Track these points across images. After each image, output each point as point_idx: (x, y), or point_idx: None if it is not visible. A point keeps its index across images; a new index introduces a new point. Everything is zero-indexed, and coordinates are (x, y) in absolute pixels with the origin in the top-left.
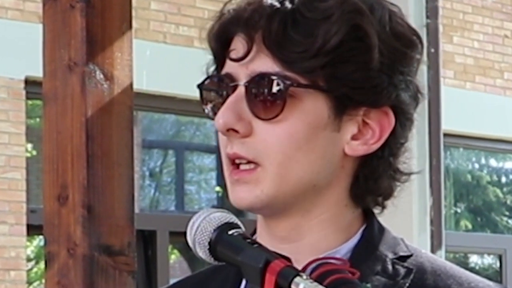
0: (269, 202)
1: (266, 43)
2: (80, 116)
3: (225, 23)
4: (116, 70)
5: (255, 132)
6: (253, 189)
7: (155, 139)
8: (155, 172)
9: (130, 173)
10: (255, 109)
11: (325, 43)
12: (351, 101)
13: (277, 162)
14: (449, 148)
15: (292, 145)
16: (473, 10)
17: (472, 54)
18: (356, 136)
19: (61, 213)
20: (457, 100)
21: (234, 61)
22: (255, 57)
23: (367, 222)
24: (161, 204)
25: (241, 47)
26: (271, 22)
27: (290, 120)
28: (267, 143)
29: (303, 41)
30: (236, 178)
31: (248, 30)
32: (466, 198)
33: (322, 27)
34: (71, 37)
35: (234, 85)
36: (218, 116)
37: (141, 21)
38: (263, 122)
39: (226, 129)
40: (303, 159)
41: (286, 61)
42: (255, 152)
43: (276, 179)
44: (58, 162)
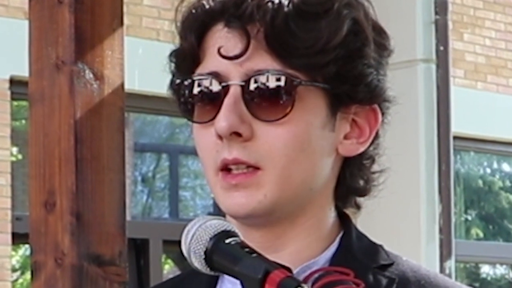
0: (271, 208)
1: (268, 39)
2: (68, 118)
3: (205, 14)
4: (106, 69)
5: (256, 135)
6: (254, 193)
7: (148, 142)
8: (148, 177)
9: (121, 178)
10: (256, 111)
11: (330, 39)
12: (349, 98)
13: (281, 166)
14: (459, 152)
15: (295, 147)
16: (484, 5)
17: (484, 52)
18: (348, 135)
19: (48, 220)
20: (467, 101)
21: (227, 58)
22: (252, 54)
23: (344, 228)
24: (154, 211)
25: (234, 43)
26: (275, 17)
27: (293, 121)
28: (270, 146)
29: (306, 37)
30: (235, 183)
31: (245, 25)
32: (477, 204)
33: (324, 22)
34: (59, 34)
35: (226, 85)
36: (220, 118)
37: (133, 18)
38: (264, 124)
39: (230, 132)
40: (306, 161)
41: (288, 58)
42: (257, 156)
43: (279, 183)
44: (45, 166)
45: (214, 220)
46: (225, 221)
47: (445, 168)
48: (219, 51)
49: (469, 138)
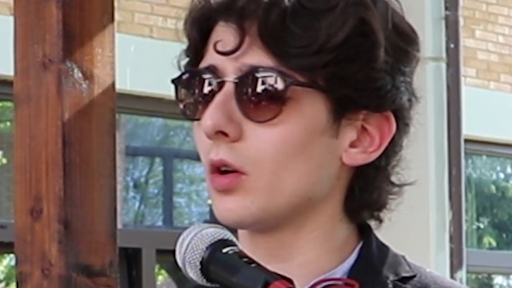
0: (260, 217)
1: (262, 35)
2: (56, 119)
3: (208, 10)
4: (96, 68)
5: (245, 136)
6: (241, 199)
7: (140, 146)
8: (140, 182)
9: (112, 184)
10: (246, 110)
11: (329, 39)
12: (353, 103)
13: (269, 171)
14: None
15: (287, 152)
16: (497, 0)
17: (497, 50)
18: (354, 143)
19: (35, 228)
20: (479, 102)
21: (221, 54)
22: (247, 50)
23: (363, 239)
24: (147, 219)
25: (230, 39)
26: (269, 13)
27: (286, 124)
28: (258, 148)
29: (304, 35)
30: (220, 189)
31: (241, 20)
32: (490, 212)
33: (325, 20)
34: (46, 31)
35: (220, 81)
36: (206, 116)
37: (125, 13)
38: (255, 124)
39: (215, 131)
40: (299, 168)
41: (284, 56)
42: (243, 158)
43: (268, 190)
44: (31, 171)
45: (211, 228)
46: (222, 229)
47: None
48: (215, 46)
49: (481, 141)
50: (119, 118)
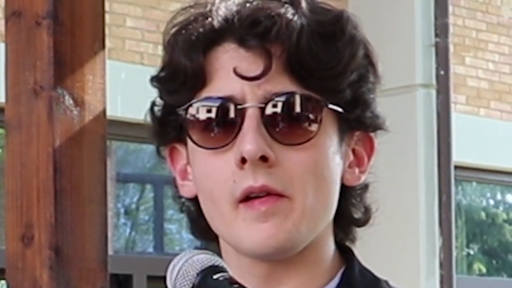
0: (299, 239)
1: (291, 60)
2: (47, 146)
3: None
4: (87, 94)
5: (279, 160)
6: (283, 222)
7: (131, 172)
8: (131, 209)
9: (103, 211)
10: (278, 134)
11: (349, 61)
12: (357, 124)
13: (304, 193)
14: (461, 183)
15: (317, 173)
16: (487, 27)
17: (487, 77)
18: (351, 164)
19: (26, 255)
20: (469, 129)
21: (246, 79)
22: (270, 75)
23: (346, 263)
24: (137, 245)
25: (249, 64)
26: (298, 37)
27: (315, 145)
28: (293, 172)
29: (327, 59)
30: (264, 209)
31: (264, 43)
32: (480, 238)
33: (341, 44)
34: (37, 57)
35: (242, 108)
36: (246, 142)
37: (116, 40)
38: (286, 148)
39: (259, 156)
40: (325, 189)
41: (308, 80)
42: (283, 183)
43: (305, 212)
44: (22, 198)
45: (201, 255)
46: (212, 256)
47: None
48: (236, 71)
49: (471, 168)
50: (110, 145)
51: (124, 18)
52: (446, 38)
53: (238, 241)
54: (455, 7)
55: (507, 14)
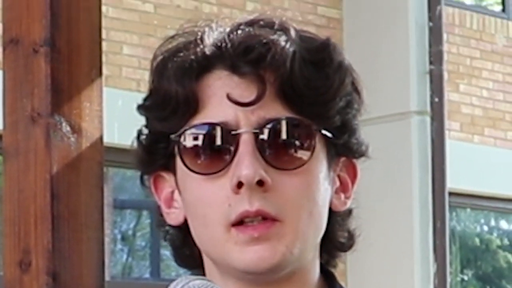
0: (291, 261)
1: (285, 86)
2: (44, 173)
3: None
4: (84, 122)
5: (274, 185)
6: (276, 246)
7: (128, 199)
8: (128, 235)
9: (100, 237)
10: (272, 159)
11: (339, 87)
12: (344, 150)
13: (297, 217)
14: (455, 209)
15: (309, 197)
16: (481, 55)
17: (481, 104)
18: (337, 190)
19: (23, 281)
20: (463, 155)
21: (240, 105)
22: (263, 101)
23: (329, 285)
24: (134, 271)
25: (242, 90)
26: (293, 65)
27: (307, 170)
28: (287, 196)
29: (318, 85)
30: (257, 235)
31: (257, 70)
32: (474, 264)
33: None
34: (35, 85)
35: (236, 134)
36: (243, 166)
37: (113, 67)
38: (280, 173)
39: (256, 181)
40: (316, 212)
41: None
42: (277, 207)
43: (297, 235)
44: (20, 224)
45: (198, 280)
46: (208, 281)
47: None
48: (230, 98)
49: (465, 194)
50: (107, 171)
51: (121, 45)
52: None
53: (230, 262)
54: (449, 35)
55: (501, 42)
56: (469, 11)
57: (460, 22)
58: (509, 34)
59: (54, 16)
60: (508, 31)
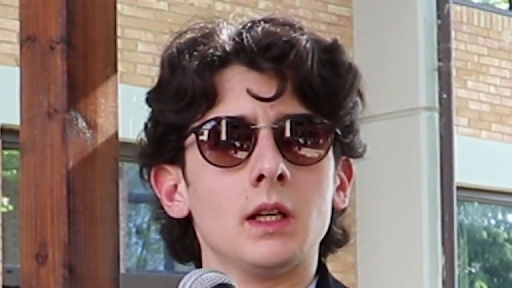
0: (301, 257)
1: (303, 83)
2: (60, 167)
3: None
4: (100, 117)
5: (290, 179)
6: (289, 242)
7: (142, 193)
8: (143, 228)
9: (115, 230)
10: (289, 154)
11: (351, 87)
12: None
13: (308, 212)
14: (463, 203)
15: (320, 193)
16: (489, 52)
17: (488, 100)
18: (338, 188)
19: (40, 273)
20: (471, 150)
21: (260, 100)
22: (281, 97)
23: (320, 273)
24: (149, 264)
25: (262, 85)
26: (312, 63)
27: (320, 167)
28: (301, 191)
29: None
30: (272, 231)
31: (279, 66)
32: (481, 257)
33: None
34: (51, 81)
35: (256, 128)
36: (267, 160)
37: (127, 64)
38: (296, 168)
39: (278, 174)
40: (324, 210)
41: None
42: (293, 201)
43: (308, 231)
44: (37, 217)
45: (211, 273)
46: (222, 274)
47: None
48: (250, 92)
49: (473, 189)
50: (122, 166)
51: (136, 43)
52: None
53: (241, 255)
54: (457, 33)
55: (508, 39)
56: (476, 9)
57: (468, 20)
58: None
59: (70, 14)
60: None
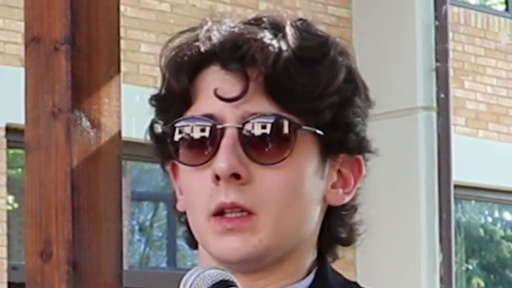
0: (265, 254)
1: (268, 82)
2: (64, 166)
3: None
4: (103, 117)
5: (253, 178)
6: (250, 238)
7: (145, 191)
8: (145, 226)
9: (118, 227)
10: (253, 154)
11: (328, 85)
12: (340, 146)
13: (275, 211)
14: (460, 201)
15: (289, 192)
16: (485, 52)
17: (485, 100)
18: (335, 185)
19: (45, 270)
20: (468, 149)
21: (225, 100)
22: (249, 97)
23: (319, 264)
24: (151, 261)
25: (230, 85)
26: (274, 61)
27: (289, 166)
28: (265, 190)
29: (306, 82)
30: (230, 227)
31: (243, 67)
32: (478, 254)
33: (322, 68)
34: (55, 81)
35: (222, 127)
36: (219, 159)
37: (130, 65)
38: (261, 167)
39: (230, 174)
40: (297, 207)
41: (286, 102)
42: (253, 200)
43: (274, 228)
44: (41, 215)
45: (212, 270)
46: (223, 271)
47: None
48: (216, 93)
49: (470, 187)
50: (125, 165)
51: (139, 43)
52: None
53: (209, 250)
54: (454, 33)
55: (504, 40)
56: (473, 10)
57: (465, 21)
58: None
59: (74, 15)
60: (511, 30)
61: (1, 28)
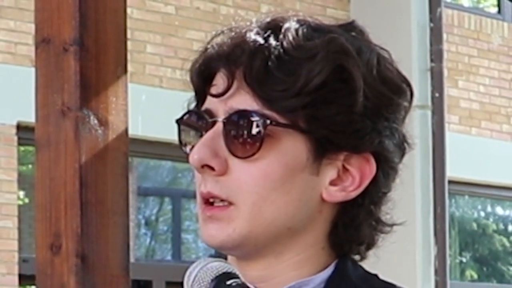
0: (240, 242)
1: (247, 79)
2: (73, 162)
3: (208, 58)
4: (110, 115)
5: (230, 171)
6: (225, 227)
7: (151, 186)
8: (151, 220)
9: (125, 221)
10: (231, 147)
11: (307, 83)
12: (332, 144)
13: (250, 202)
14: (454, 196)
15: (266, 185)
16: (479, 53)
17: (478, 99)
18: (334, 182)
19: (54, 262)
20: (462, 146)
21: (213, 96)
22: (235, 93)
23: (340, 257)
24: (157, 253)
25: (221, 83)
26: (253, 59)
27: (267, 160)
28: (241, 182)
29: (285, 79)
30: (209, 215)
31: (229, 66)
32: (471, 247)
33: (305, 66)
34: (65, 81)
35: (213, 121)
36: (193, 151)
37: (137, 65)
38: (239, 160)
39: (201, 165)
40: (278, 200)
41: (267, 99)
42: (228, 191)
43: (249, 219)
44: (51, 210)
45: (216, 262)
46: (226, 263)
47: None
48: (210, 90)
49: (463, 182)
50: (131, 161)
51: (145, 44)
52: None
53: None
54: (448, 35)
55: (497, 41)
56: (467, 12)
57: (458, 23)
58: (504, 34)
59: (82, 17)
60: (503, 31)
61: (12, 29)
